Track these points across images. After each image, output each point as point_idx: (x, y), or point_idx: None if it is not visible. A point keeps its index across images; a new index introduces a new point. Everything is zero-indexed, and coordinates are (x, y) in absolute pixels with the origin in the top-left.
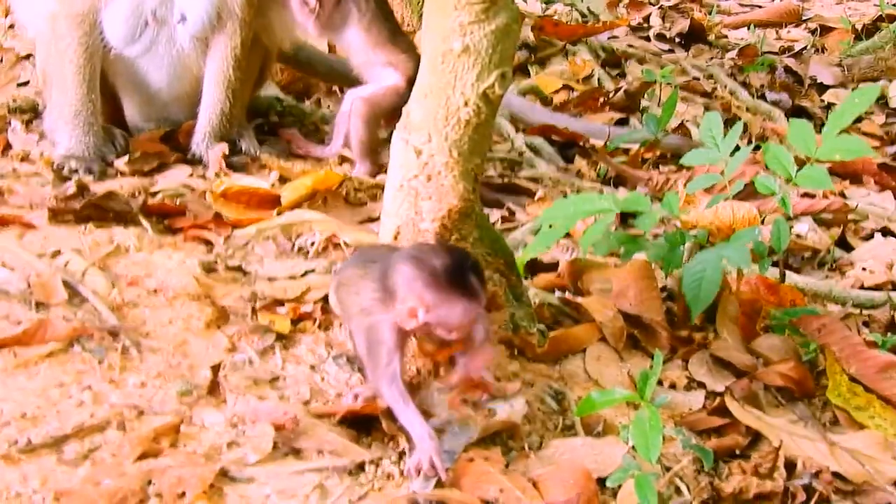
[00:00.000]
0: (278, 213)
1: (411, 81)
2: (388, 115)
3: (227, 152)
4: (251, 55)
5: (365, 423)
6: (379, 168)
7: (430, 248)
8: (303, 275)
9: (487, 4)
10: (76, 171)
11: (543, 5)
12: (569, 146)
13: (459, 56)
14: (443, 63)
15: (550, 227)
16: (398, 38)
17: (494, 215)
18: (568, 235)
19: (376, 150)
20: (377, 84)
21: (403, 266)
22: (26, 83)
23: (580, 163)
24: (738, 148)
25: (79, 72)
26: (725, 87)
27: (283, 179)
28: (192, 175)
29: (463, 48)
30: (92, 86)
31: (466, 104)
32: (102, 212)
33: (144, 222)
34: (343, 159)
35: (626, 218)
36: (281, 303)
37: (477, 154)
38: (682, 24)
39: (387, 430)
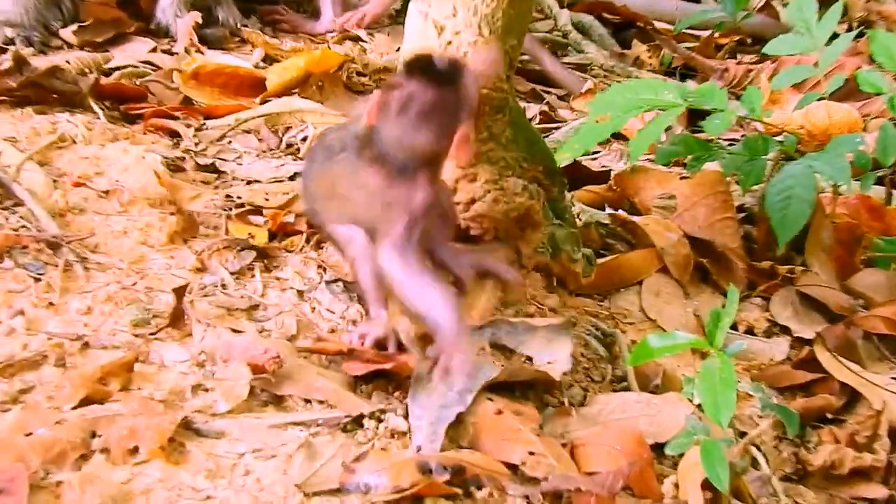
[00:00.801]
0: (262, 101)
1: None
2: None
3: (199, 22)
4: None
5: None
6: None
7: None
8: (291, 178)
9: None
10: (11, 41)
11: None
12: (625, 27)
13: None
14: None
15: (597, 122)
16: None
17: (531, 110)
18: (621, 136)
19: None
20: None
21: None
22: None
23: (639, 48)
24: (835, 35)
25: None
26: None
27: (269, 59)
28: (155, 50)
29: None
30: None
31: None
32: (44, 92)
33: (95, 107)
34: (344, 36)
35: (695, 118)
36: (262, 212)
37: (513, 33)
38: None
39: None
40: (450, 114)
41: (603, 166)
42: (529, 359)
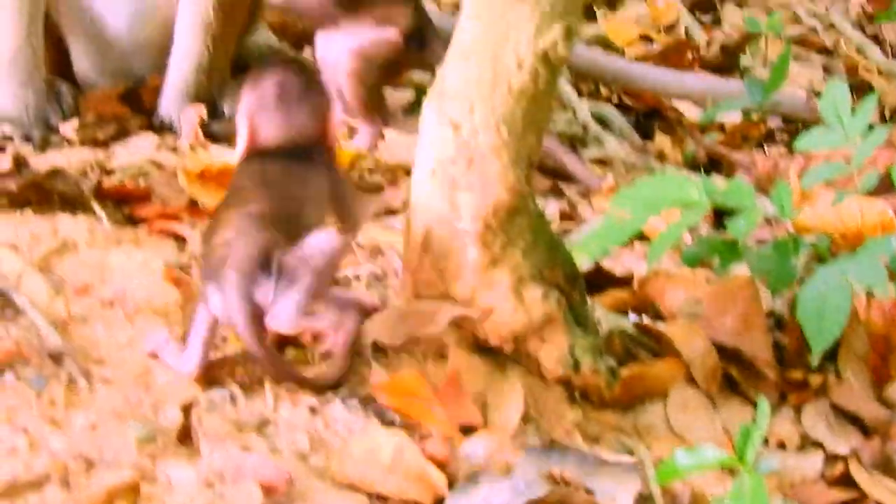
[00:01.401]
0: None
1: (407, 35)
2: (383, 71)
3: (205, 117)
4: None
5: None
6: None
7: None
8: None
9: None
10: (10, 138)
11: None
12: (647, 115)
13: (512, 4)
14: (490, 12)
15: (618, 221)
16: None
17: (549, 208)
18: (644, 237)
19: (380, 107)
20: (365, 34)
21: None
22: None
23: (662, 140)
24: (870, 127)
25: (16, 6)
26: (851, 42)
27: None
28: (160, 147)
29: None
30: (32, 26)
31: (520, 66)
32: (44, 194)
33: (98, 209)
34: (353, 129)
35: (722, 214)
36: None
37: (532, 132)
38: None
39: None
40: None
41: (625, 268)
42: (588, 491)
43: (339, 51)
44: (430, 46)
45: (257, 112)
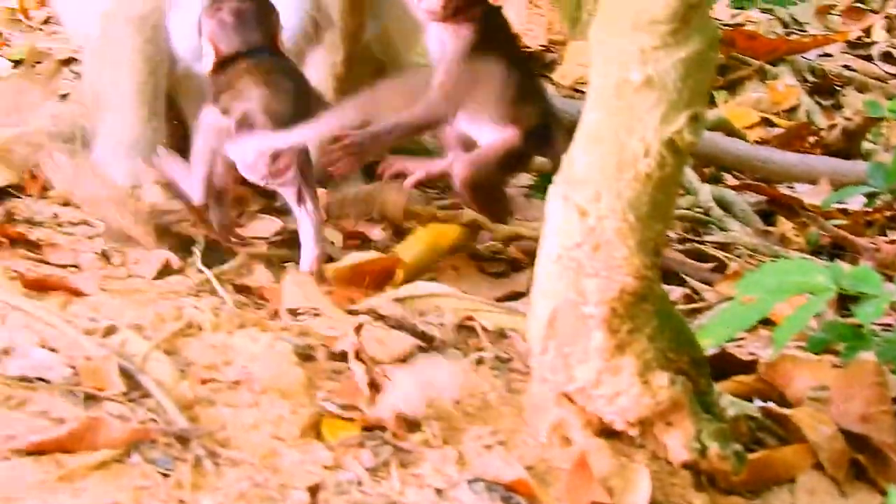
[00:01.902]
0: (394, 284)
1: (532, 133)
2: (500, 173)
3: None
4: (359, 74)
5: None
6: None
7: None
8: None
9: (677, 24)
10: None
11: (733, 11)
12: (768, 201)
13: (639, 90)
14: (617, 98)
15: (743, 306)
16: (526, 86)
17: (673, 293)
18: (769, 321)
19: (502, 206)
20: (482, 137)
21: None
22: (66, 95)
23: (784, 225)
24: None
25: (138, 90)
26: None
27: (397, 234)
28: (282, 229)
29: (644, 80)
30: (154, 109)
31: (647, 153)
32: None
33: (222, 291)
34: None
35: (846, 300)
36: None
37: (659, 218)
38: None
39: None
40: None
41: (750, 354)
42: None
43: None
44: (552, 141)
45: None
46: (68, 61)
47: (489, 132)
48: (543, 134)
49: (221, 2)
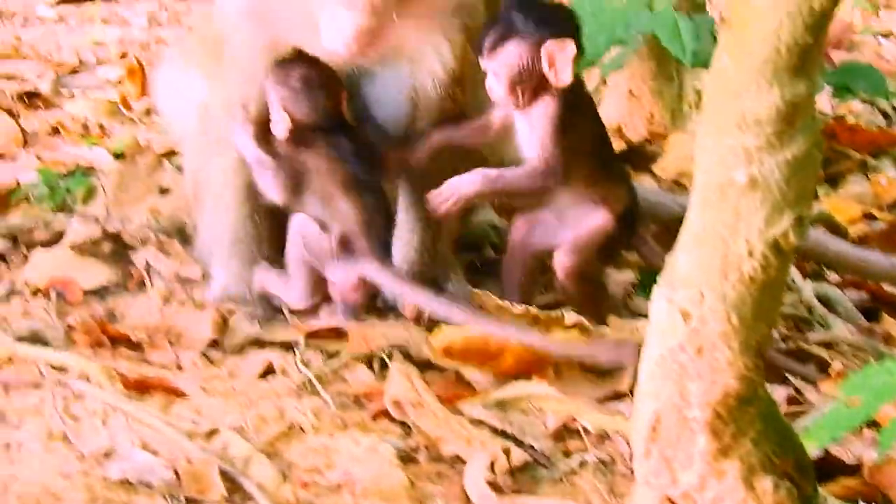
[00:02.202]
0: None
1: (622, 218)
2: (600, 258)
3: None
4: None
5: None
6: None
7: None
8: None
9: (783, 125)
10: (234, 316)
11: (834, 102)
12: (872, 298)
13: (743, 191)
14: (721, 199)
15: (849, 407)
16: (617, 165)
17: (776, 393)
18: (874, 423)
19: (602, 298)
20: (577, 228)
21: None
22: (167, 191)
23: (889, 323)
24: None
25: (238, 186)
26: None
27: None
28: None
29: (749, 181)
30: (253, 207)
31: (751, 254)
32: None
33: (324, 392)
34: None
35: None
36: None
37: (763, 320)
38: None
39: None
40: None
41: (855, 456)
42: None
43: (551, 240)
44: (640, 233)
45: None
46: (169, 154)
47: (583, 213)
48: (631, 221)
49: (288, 69)
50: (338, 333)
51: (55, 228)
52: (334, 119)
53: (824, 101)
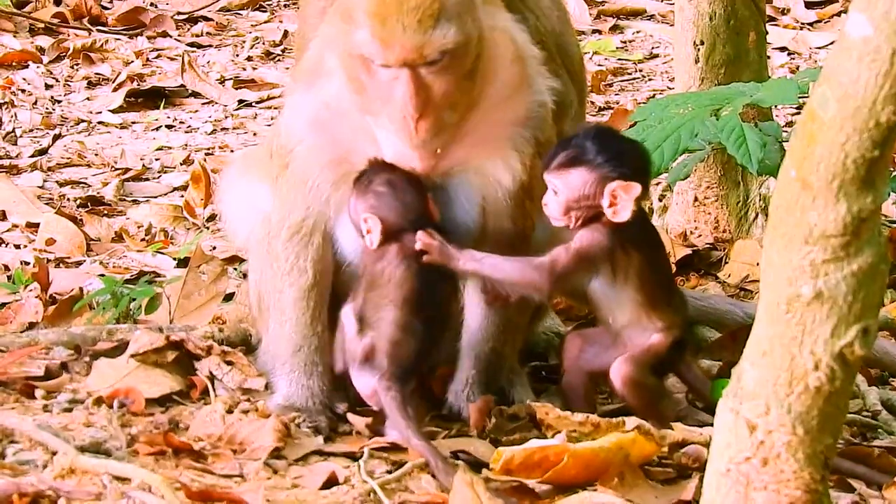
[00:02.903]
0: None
1: (675, 345)
2: (654, 371)
3: (493, 405)
4: None
5: None
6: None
7: None
8: None
9: (849, 238)
10: (298, 426)
11: (893, 207)
12: None
13: (810, 304)
14: (787, 312)
15: None
16: (677, 294)
17: (841, 501)
18: None
19: (663, 404)
20: (632, 347)
21: None
22: (231, 296)
23: None
24: None
25: (302, 297)
26: None
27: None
28: (446, 436)
29: (814, 294)
30: (317, 314)
31: (817, 367)
32: None
33: (388, 502)
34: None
35: None
36: None
37: (828, 431)
38: None
39: None
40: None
41: None
42: None
43: (607, 359)
44: (685, 354)
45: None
46: (232, 259)
47: (637, 335)
48: (683, 348)
49: (369, 176)
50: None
51: (118, 337)
52: (423, 218)
53: (887, 206)
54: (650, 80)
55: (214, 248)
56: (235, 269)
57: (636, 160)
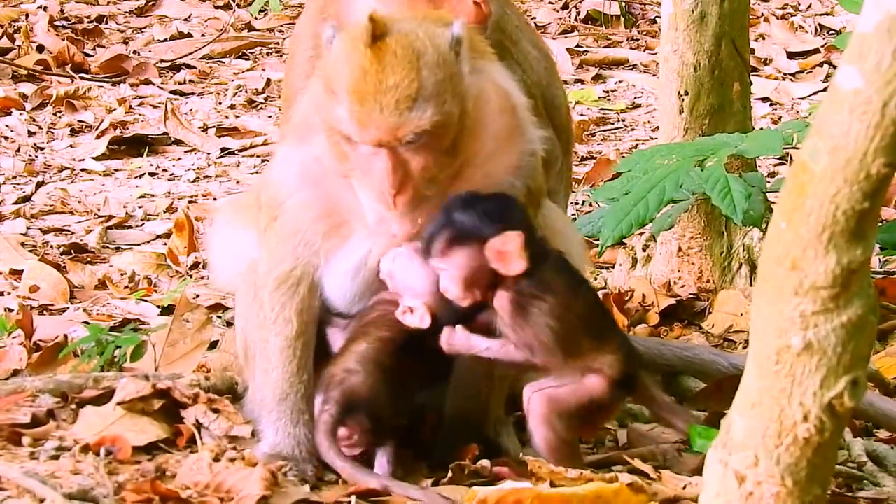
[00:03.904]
0: None
1: (616, 384)
2: (578, 418)
3: (477, 453)
4: None
5: None
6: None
7: None
8: None
9: (838, 290)
10: (284, 475)
11: (881, 259)
12: None
13: (799, 355)
14: (777, 363)
15: None
16: (610, 333)
17: None
18: None
19: (571, 457)
20: (566, 382)
21: None
22: (215, 344)
23: None
24: None
25: (288, 346)
26: None
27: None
28: (440, 483)
29: (804, 346)
30: (303, 363)
31: (806, 418)
32: None
33: None
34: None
35: None
36: None
37: (817, 482)
38: None
39: None
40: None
41: None
42: None
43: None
44: (642, 390)
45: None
46: (216, 307)
47: (578, 378)
48: (629, 385)
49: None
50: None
51: (105, 385)
52: None
53: (873, 259)
54: (633, 129)
55: (198, 296)
56: (219, 317)
57: (506, 211)
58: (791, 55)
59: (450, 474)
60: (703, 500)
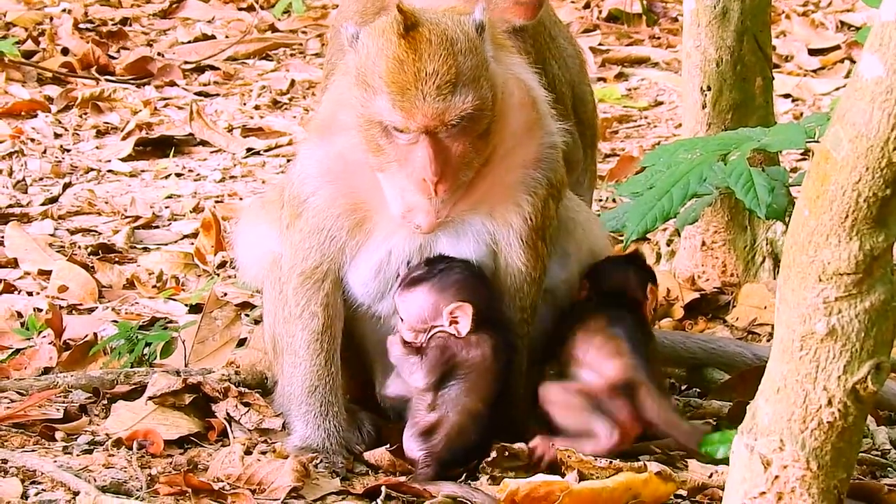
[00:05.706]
0: None
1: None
2: None
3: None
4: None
5: None
6: None
7: None
8: None
9: (861, 276)
10: (315, 466)
11: None
12: None
13: (823, 340)
14: (801, 349)
15: None
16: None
17: None
18: None
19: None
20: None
21: None
22: (244, 342)
23: None
24: None
25: (315, 340)
26: None
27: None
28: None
29: (828, 331)
30: (330, 356)
31: (830, 402)
32: None
33: None
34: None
35: None
36: None
37: (841, 466)
38: None
39: None
40: None
41: None
42: None
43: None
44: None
45: None
46: (244, 305)
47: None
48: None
49: (439, 265)
50: None
51: (136, 380)
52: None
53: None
54: (655, 126)
55: (226, 294)
56: (247, 314)
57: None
58: (812, 52)
59: (493, 454)
60: (729, 484)
